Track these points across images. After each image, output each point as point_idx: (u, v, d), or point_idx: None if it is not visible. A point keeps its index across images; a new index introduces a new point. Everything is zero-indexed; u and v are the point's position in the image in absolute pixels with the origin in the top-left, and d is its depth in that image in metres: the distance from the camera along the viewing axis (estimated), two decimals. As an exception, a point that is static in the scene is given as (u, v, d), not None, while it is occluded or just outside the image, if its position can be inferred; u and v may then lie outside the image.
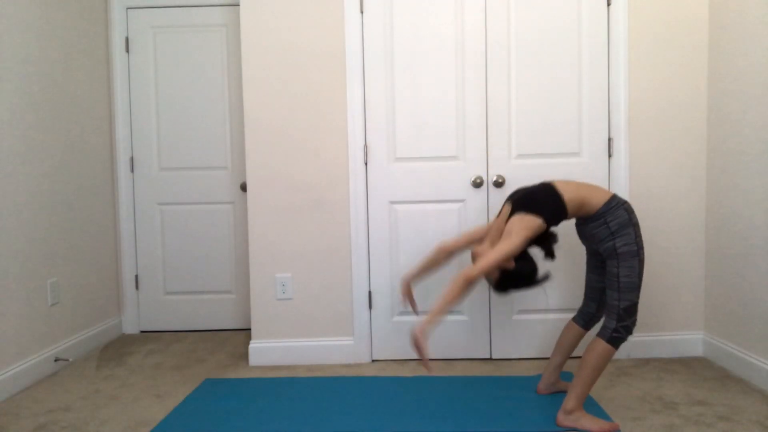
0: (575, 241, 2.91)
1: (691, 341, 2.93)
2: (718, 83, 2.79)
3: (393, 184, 2.93)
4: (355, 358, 2.97)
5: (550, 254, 2.20)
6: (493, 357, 2.96)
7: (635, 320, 2.12)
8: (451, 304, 1.97)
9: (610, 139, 2.89)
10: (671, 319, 2.94)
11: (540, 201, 2.12)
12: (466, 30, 2.88)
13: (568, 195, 2.13)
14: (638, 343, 2.92)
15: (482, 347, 2.96)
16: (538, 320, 2.95)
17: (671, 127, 2.89)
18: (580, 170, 2.90)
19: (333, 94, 2.91)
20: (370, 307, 2.97)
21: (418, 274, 2.35)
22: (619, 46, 2.84)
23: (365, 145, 2.92)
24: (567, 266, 2.93)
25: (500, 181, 2.89)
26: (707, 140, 2.89)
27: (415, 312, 2.42)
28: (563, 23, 2.87)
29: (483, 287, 2.93)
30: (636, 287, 2.11)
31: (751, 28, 2.55)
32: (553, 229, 2.20)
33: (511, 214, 2.13)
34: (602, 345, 2.10)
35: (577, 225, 2.29)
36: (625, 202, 2.17)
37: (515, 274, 2.11)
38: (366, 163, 2.93)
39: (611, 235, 2.13)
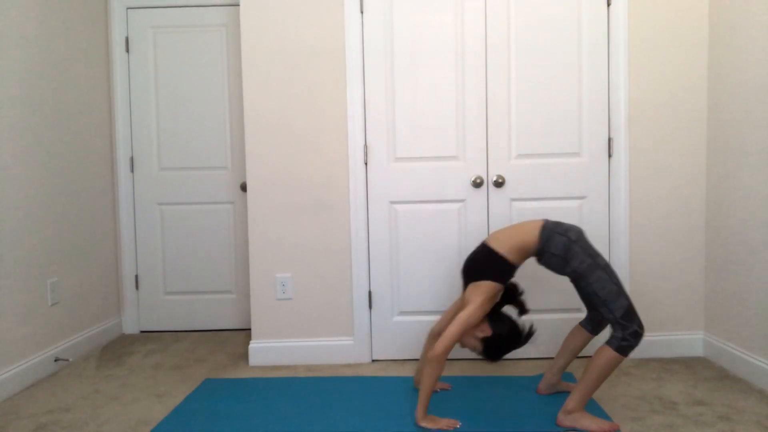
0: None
1: (691, 341, 2.93)
2: (718, 83, 2.79)
3: (393, 184, 2.93)
4: (355, 358, 2.97)
5: (522, 309, 2.29)
6: (493, 357, 2.96)
7: (640, 322, 2.10)
8: (433, 386, 2.13)
9: (610, 139, 2.89)
10: (671, 319, 2.94)
11: (482, 265, 2.21)
12: (466, 30, 2.88)
13: (504, 249, 2.20)
14: (638, 343, 2.92)
15: (482, 347, 2.96)
16: (538, 320, 2.95)
17: (671, 127, 2.89)
18: (580, 170, 2.90)
19: (333, 94, 2.91)
20: (370, 307, 2.97)
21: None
22: (619, 46, 2.84)
23: (365, 145, 2.92)
24: (567, 266, 2.93)
25: (500, 181, 2.89)
26: (707, 140, 2.89)
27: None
28: (563, 23, 2.87)
29: (483, 287, 2.93)
30: (618, 293, 2.10)
31: (751, 28, 2.55)
32: (514, 280, 2.31)
33: (466, 286, 2.24)
34: (610, 353, 2.10)
35: (538, 262, 2.30)
36: (555, 225, 2.19)
37: (496, 338, 2.20)
38: (366, 163, 2.93)
39: (563, 261, 2.16)
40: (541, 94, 2.89)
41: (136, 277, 3.65)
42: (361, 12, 2.89)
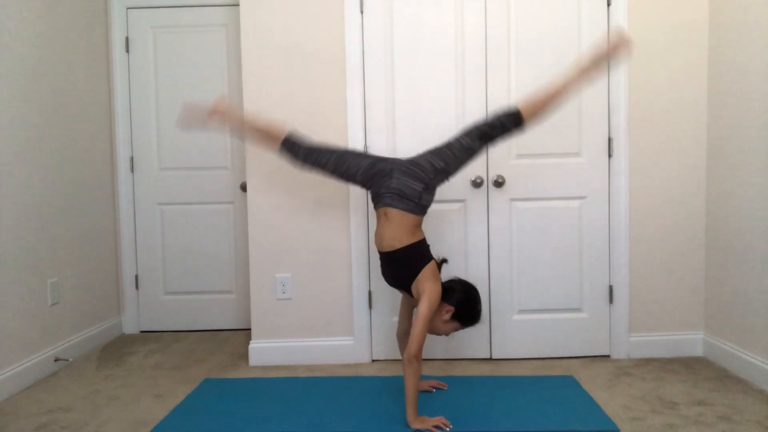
0: (571, 240, 2.91)
1: (691, 341, 2.93)
2: (718, 83, 2.79)
3: (393, 184, 2.92)
4: (355, 358, 2.97)
5: (443, 260, 2.39)
6: (493, 357, 2.96)
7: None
8: (416, 386, 2.15)
9: (610, 139, 2.89)
10: (671, 319, 2.94)
11: (407, 264, 2.26)
12: (466, 30, 2.88)
13: (405, 240, 2.27)
14: (638, 343, 2.92)
15: (482, 347, 2.96)
16: (538, 320, 2.95)
17: (671, 127, 2.89)
18: (580, 170, 2.90)
19: (333, 94, 2.91)
20: (370, 307, 2.97)
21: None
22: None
23: (365, 145, 2.92)
24: (565, 266, 2.93)
25: (500, 180, 2.89)
26: (707, 140, 2.89)
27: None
28: (563, 23, 2.87)
29: (482, 287, 2.93)
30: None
31: (751, 28, 2.55)
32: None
33: (409, 285, 2.27)
34: None
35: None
36: (395, 183, 2.30)
37: (462, 305, 2.29)
38: (366, 163, 2.92)
39: (425, 185, 2.33)
40: (541, 94, 2.88)
41: (136, 277, 3.65)
42: (361, 12, 2.89)
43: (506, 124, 2.28)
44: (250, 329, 3.57)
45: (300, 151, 2.39)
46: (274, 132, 2.45)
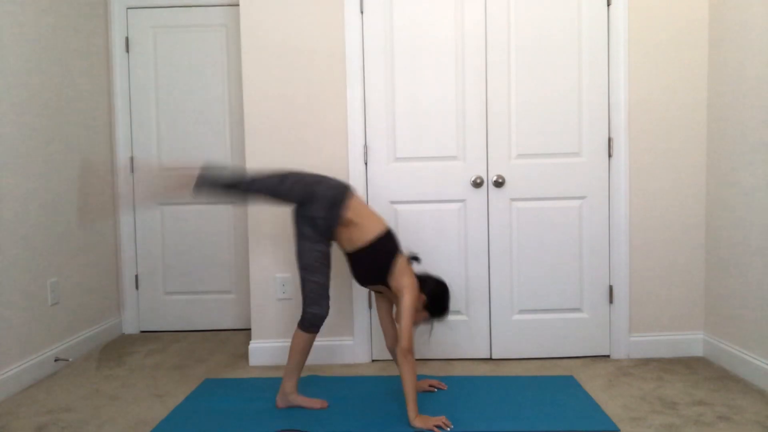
0: (571, 240, 2.91)
1: (691, 341, 2.93)
2: (718, 83, 2.79)
3: (393, 184, 2.93)
4: (355, 358, 2.97)
5: (415, 258, 2.42)
6: (493, 357, 2.96)
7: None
8: (414, 383, 2.16)
9: (610, 139, 2.89)
10: (671, 319, 2.94)
11: (377, 260, 2.28)
12: (466, 29, 2.88)
13: (369, 236, 2.28)
14: (638, 343, 2.92)
15: (482, 347, 2.96)
16: (538, 320, 2.95)
17: (671, 127, 2.89)
18: (580, 170, 2.90)
19: (333, 94, 2.91)
20: (370, 307, 2.97)
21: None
22: (619, 46, 2.84)
23: (365, 145, 2.92)
24: (565, 266, 2.93)
25: (500, 181, 2.89)
26: (707, 140, 2.89)
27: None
28: (563, 23, 2.87)
29: (482, 287, 2.93)
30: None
31: (751, 28, 2.55)
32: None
33: (384, 279, 2.29)
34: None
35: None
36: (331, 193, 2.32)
37: (434, 296, 2.33)
38: (366, 163, 2.92)
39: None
40: (541, 94, 2.89)
41: (136, 277, 3.65)
42: (361, 12, 2.89)
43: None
44: (250, 329, 3.58)
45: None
46: (301, 342, 2.33)
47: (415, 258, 2.42)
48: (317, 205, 2.26)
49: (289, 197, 2.30)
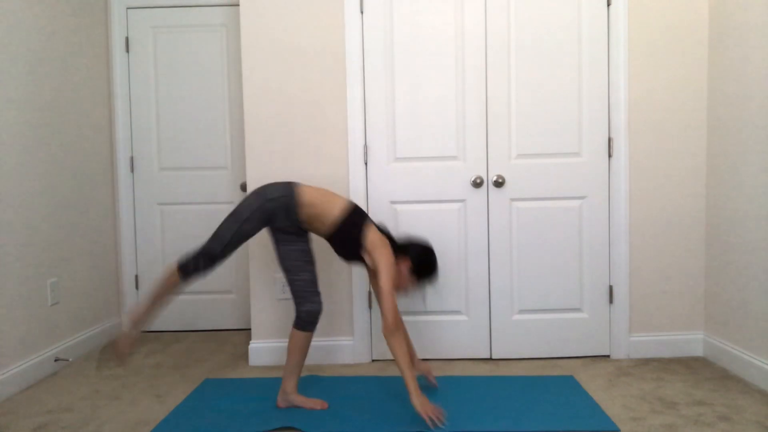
0: (571, 240, 2.91)
1: (691, 341, 2.93)
2: (718, 83, 2.80)
3: (393, 184, 2.93)
4: (355, 358, 2.97)
5: (388, 235, 2.35)
6: (493, 357, 2.96)
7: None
8: (407, 359, 2.12)
9: (610, 139, 2.89)
10: (671, 319, 2.94)
11: (348, 234, 2.28)
12: (466, 30, 2.88)
13: (334, 213, 2.29)
14: (638, 343, 2.92)
15: (482, 347, 2.96)
16: (538, 320, 2.95)
17: (671, 127, 2.89)
18: (580, 170, 2.90)
19: (333, 94, 2.91)
20: (370, 307, 2.97)
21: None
22: (619, 46, 2.84)
23: (365, 145, 2.92)
24: (565, 266, 2.93)
25: (500, 181, 2.89)
26: (707, 140, 2.89)
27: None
28: (563, 23, 2.87)
29: (482, 287, 2.93)
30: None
31: (751, 28, 2.55)
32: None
33: (358, 253, 2.29)
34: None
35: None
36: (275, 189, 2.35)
37: (418, 259, 2.27)
38: (366, 163, 2.93)
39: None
40: (541, 94, 2.89)
41: (136, 277, 3.65)
42: (361, 12, 2.89)
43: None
44: (250, 329, 3.58)
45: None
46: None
47: (384, 231, 2.36)
48: (277, 216, 2.30)
49: (253, 229, 2.31)
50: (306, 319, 2.33)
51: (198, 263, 2.30)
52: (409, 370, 2.12)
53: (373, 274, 2.47)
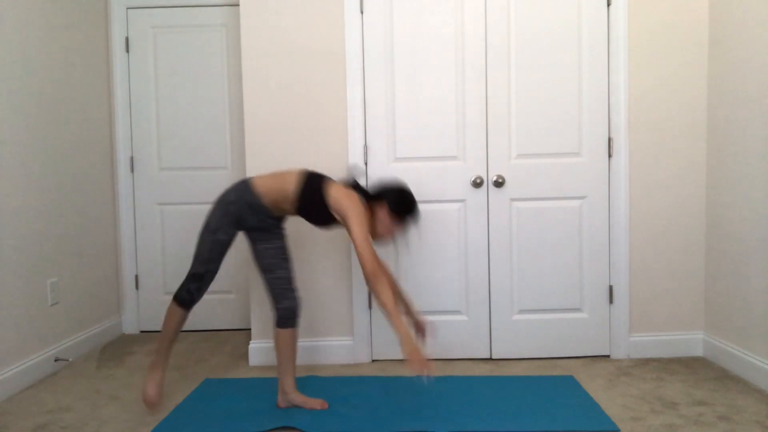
0: (571, 240, 2.91)
1: (691, 341, 2.93)
2: (718, 83, 2.79)
3: (393, 184, 2.93)
4: (355, 358, 2.97)
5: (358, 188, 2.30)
6: (493, 357, 2.96)
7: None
8: (393, 305, 2.04)
9: (610, 139, 2.89)
10: (671, 319, 2.94)
11: (311, 198, 2.21)
12: (466, 30, 2.88)
13: (292, 184, 2.23)
14: (638, 343, 2.92)
15: (482, 347, 2.96)
16: (538, 320, 2.95)
17: (671, 127, 2.89)
18: (580, 170, 2.90)
19: (333, 94, 2.91)
20: (370, 307, 2.97)
21: (407, 310, 2.41)
22: (619, 46, 2.84)
23: (365, 145, 2.92)
24: (565, 266, 2.93)
25: (500, 181, 2.89)
26: (707, 140, 2.89)
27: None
28: (563, 23, 2.87)
29: (482, 287, 2.93)
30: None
31: (751, 28, 2.55)
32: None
33: (332, 216, 2.23)
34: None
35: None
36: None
37: (394, 201, 2.21)
38: (366, 163, 2.93)
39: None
40: (541, 94, 2.89)
41: (136, 277, 3.65)
42: (361, 12, 2.89)
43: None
44: (250, 329, 3.58)
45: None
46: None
47: (352, 185, 2.29)
48: (245, 217, 2.26)
49: (228, 237, 2.26)
50: (286, 316, 2.33)
51: (189, 289, 2.29)
52: (397, 315, 2.03)
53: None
